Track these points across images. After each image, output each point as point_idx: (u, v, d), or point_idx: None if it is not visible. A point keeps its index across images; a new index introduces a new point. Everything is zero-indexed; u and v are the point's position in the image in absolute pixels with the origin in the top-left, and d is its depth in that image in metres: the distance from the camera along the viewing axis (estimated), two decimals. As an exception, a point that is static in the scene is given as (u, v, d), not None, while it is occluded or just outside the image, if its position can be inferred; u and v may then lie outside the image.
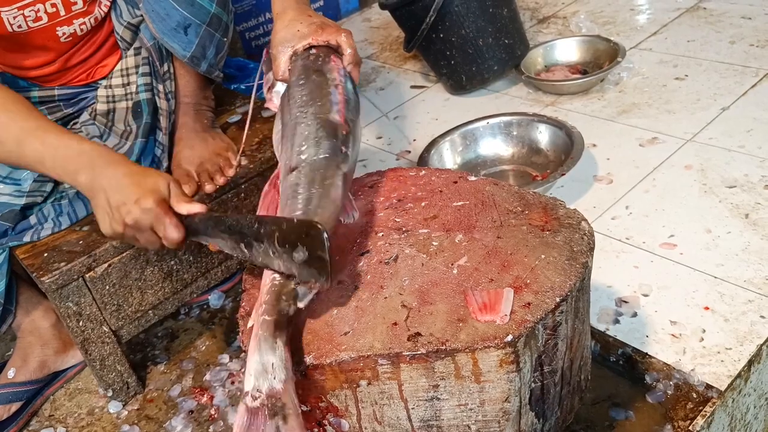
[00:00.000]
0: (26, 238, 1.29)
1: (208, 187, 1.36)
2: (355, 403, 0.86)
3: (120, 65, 1.41)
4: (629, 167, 1.64)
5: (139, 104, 1.38)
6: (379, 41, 2.62)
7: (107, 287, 1.30)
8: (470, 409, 0.85)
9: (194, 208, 1.03)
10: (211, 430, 1.29)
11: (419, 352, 0.81)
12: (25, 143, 1.08)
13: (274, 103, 1.14)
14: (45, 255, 1.26)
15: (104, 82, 1.41)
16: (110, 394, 1.40)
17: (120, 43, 1.41)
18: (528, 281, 0.87)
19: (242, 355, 1.42)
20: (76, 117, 1.44)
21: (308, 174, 0.94)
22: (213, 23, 1.34)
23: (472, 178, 1.09)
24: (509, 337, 0.80)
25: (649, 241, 1.42)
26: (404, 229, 1.00)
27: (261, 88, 1.21)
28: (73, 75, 1.41)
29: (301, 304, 0.85)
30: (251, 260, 0.92)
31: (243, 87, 2.03)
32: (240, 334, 0.91)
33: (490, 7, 1.97)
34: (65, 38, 1.33)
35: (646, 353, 1.18)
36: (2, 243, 1.28)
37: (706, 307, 1.24)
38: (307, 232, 0.82)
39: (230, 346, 1.49)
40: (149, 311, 1.39)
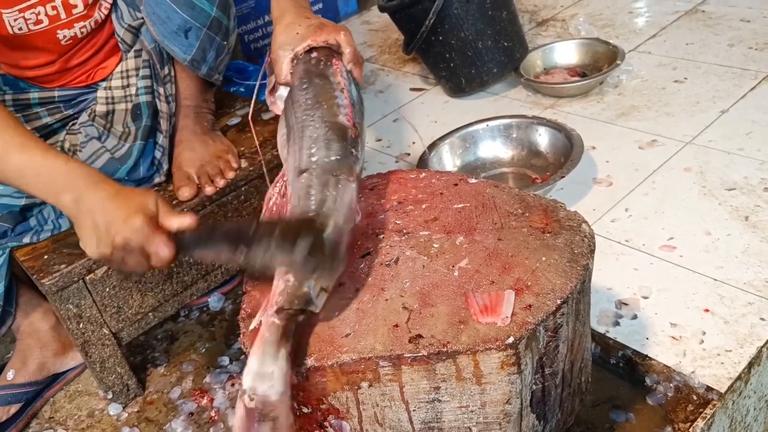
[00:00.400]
0: (26, 240, 1.30)
1: (209, 190, 1.37)
2: (357, 405, 0.86)
3: (120, 67, 1.41)
4: (629, 170, 1.64)
5: (138, 106, 1.38)
6: (378, 44, 2.62)
7: (107, 289, 1.30)
8: (471, 411, 0.85)
9: (185, 221, 0.99)
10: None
11: (420, 354, 0.81)
12: (8, 158, 1.03)
13: (278, 106, 1.15)
14: (45, 257, 1.26)
15: (104, 84, 1.41)
16: (110, 396, 1.40)
17: (120, 45, 1.41)
18: (529, 283, 0.87)
19: (242, 357, 1.43)
20: (76, 118, 1.44)
21: (321, 176, 0.94)
22: (213, 27, 1.34)
23: (473, 180, 1.09)
24: (510, 339, 0.81)
25: (648, 243, 1.42)
26: (405, 231, 1.00)
27: (262, 90, 1.21)
28: (73, 76, 1.41)
29: (314, 307, 0.84)
30: (250, 263, 0.90)
31: (243, 89, 2.03)
32: (241, 336, 0.90)
33: (489, 10, 1.97)
34: (65, 41, 1.33)
35: (647, 355, 1.18)
36: (2, 244, 1.28)
37: (706, 310, 1.25)
38: (308, 228, 0.82)
39: (230, 349, 1.49)
40: (149, 313, 1.39)
